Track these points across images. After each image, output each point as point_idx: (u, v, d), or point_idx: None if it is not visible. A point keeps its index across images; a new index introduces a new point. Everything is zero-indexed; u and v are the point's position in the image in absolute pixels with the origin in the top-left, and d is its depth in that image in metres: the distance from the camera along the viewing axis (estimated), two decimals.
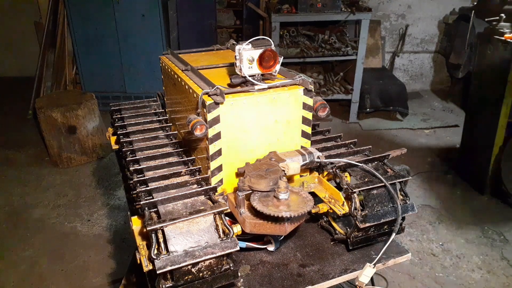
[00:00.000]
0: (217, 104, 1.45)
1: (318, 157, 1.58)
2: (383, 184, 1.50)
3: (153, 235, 1.22)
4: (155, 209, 1.34)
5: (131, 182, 1.55)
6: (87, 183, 4.32)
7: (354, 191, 1.46)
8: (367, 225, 1.46)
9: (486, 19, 4.66)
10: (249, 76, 1.52)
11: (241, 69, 1.51)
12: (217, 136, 1.51)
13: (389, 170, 1.61)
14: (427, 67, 7.04)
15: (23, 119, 5.86)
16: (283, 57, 1.59)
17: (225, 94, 1.47)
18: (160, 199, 1.35)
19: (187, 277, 1.25)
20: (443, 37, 6.53)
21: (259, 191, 1.42)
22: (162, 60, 2.19)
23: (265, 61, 1.51)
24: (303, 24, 5.71)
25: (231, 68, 1.82)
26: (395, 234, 1.52)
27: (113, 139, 2.13)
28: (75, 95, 4.76)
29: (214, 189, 1.44)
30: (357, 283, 1.49)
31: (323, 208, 1.58)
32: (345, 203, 1.51)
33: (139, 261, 1.30)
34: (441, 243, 3.39)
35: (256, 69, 1.52)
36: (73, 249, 3.36)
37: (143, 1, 5.46)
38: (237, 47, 1.49)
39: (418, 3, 6.56)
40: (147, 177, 1.53)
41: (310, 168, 1.67)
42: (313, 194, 1.59)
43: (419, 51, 6.91)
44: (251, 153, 1.59)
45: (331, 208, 1.56)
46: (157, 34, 5.61)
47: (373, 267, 1.49)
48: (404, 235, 3.42)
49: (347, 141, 1.85)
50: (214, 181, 1.56)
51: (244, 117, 1.52)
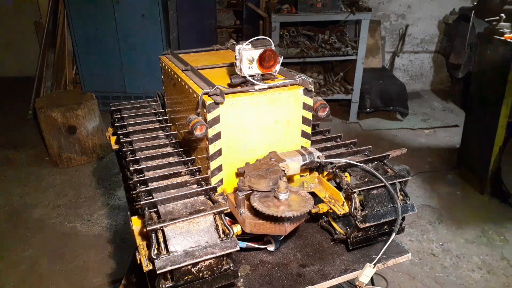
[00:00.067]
0: (217, 104, 1.45)
1: (318, 157, 1.58)
2: (383, 184, 1.50)
3: (153, 235, 1.22)
4: (155, 209, 1.34)
5: (131, 182, 1.55)
6: (87, 183, 4.32)
7: (354, 191, 1.46)
8: (367, 225, 1.46)
9: (486, 19, 4.66)
10: (249, 76, 1.52)
11: (241, 69, 1.51)
12: (217, 136, 1.50)
13: (389, 170, 1.61)
14: (427, 67, 7.03)
15: (23, 119, 5.86)
16: (283, 57, 1.58)
17: (225, 94, 1.47)
18: (160, 199, 1.35)
19: (187, 277, 1.25)
20: (443, 37, 6.53)
21: (259, 191, 1.42)
22: (162, 60, 2.19)
23: (265, 61, 1.51)
24: (303, 24, 5.71)
25: (231, 68, 1.82)
26: (395, 234, 1.52)
27: (113, 139, 2.13)
28: (75, 95, 4.76)
29: (214, 189, 1.44)
30: (357, 283, 1.49)
31: (323, 208, 1.58)
32: (345, 203, 1.51)
33: (139, 261, 1.30)
34: (441, 243, 3.39)
35: (256, 69, 1.52)
36: (73, 249, 3.36)
37: (143, 1, 5.46)
38: (237, 47, 1.49)
39: (418, 3, 6.55)
40: (147, 177, 1.53)
41: (310, 168, 1.66)
42: (313, 194, 1.59)
43: (419, 51, 6.91)
44: (251, 153, 1.59)
45: (331, 208, 1.56)
46: (157, 34, 5.61)
47: (373, 267, 1.49)
48: (404, 235, 3.43)
49: (347, 141, 1.85)
50: (214, 181, 1.56)
51: (244, 117, 1.52)
